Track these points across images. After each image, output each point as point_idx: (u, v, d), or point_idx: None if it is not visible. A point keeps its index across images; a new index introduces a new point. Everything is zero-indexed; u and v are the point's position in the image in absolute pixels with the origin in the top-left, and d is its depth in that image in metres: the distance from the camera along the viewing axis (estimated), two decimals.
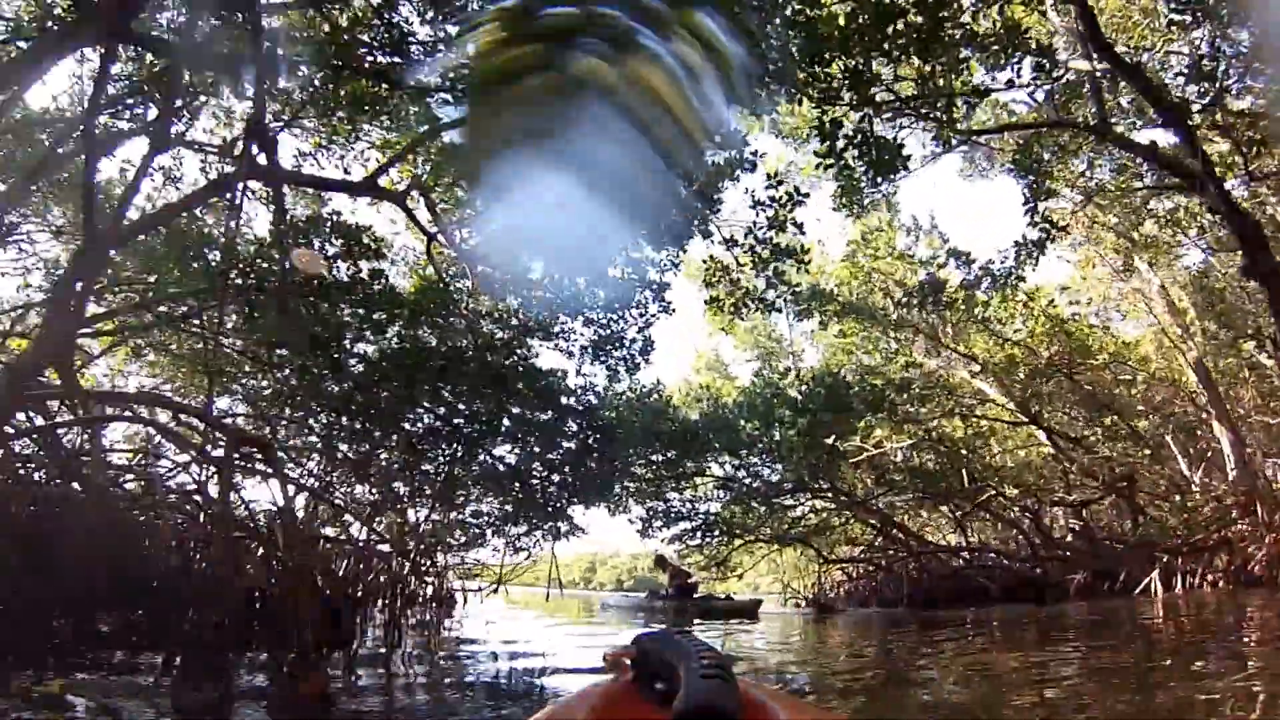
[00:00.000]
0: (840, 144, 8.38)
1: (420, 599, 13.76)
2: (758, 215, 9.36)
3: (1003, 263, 12.95)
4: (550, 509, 14.97)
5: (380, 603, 11.21)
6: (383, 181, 10.16)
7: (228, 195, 10.23)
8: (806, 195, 9.33)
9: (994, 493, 15.69)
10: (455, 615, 14.33)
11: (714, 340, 22.77)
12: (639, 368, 13.82)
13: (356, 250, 10.20)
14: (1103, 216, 15.16)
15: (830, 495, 16.81)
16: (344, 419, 11.17)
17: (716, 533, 17.79)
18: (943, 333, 14.36)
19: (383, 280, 10.15)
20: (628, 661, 0.98)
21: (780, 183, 9.31)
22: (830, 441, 12.40)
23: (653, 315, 12.79)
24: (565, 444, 15.04)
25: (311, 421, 11.42)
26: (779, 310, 10.41)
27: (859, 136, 8.41)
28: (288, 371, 10.91)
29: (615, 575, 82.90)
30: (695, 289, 20.88)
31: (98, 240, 8.15)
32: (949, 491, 15.18)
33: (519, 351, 12.12)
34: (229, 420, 12.04)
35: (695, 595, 16.79)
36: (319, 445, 11.68)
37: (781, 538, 18.30)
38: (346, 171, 10.49)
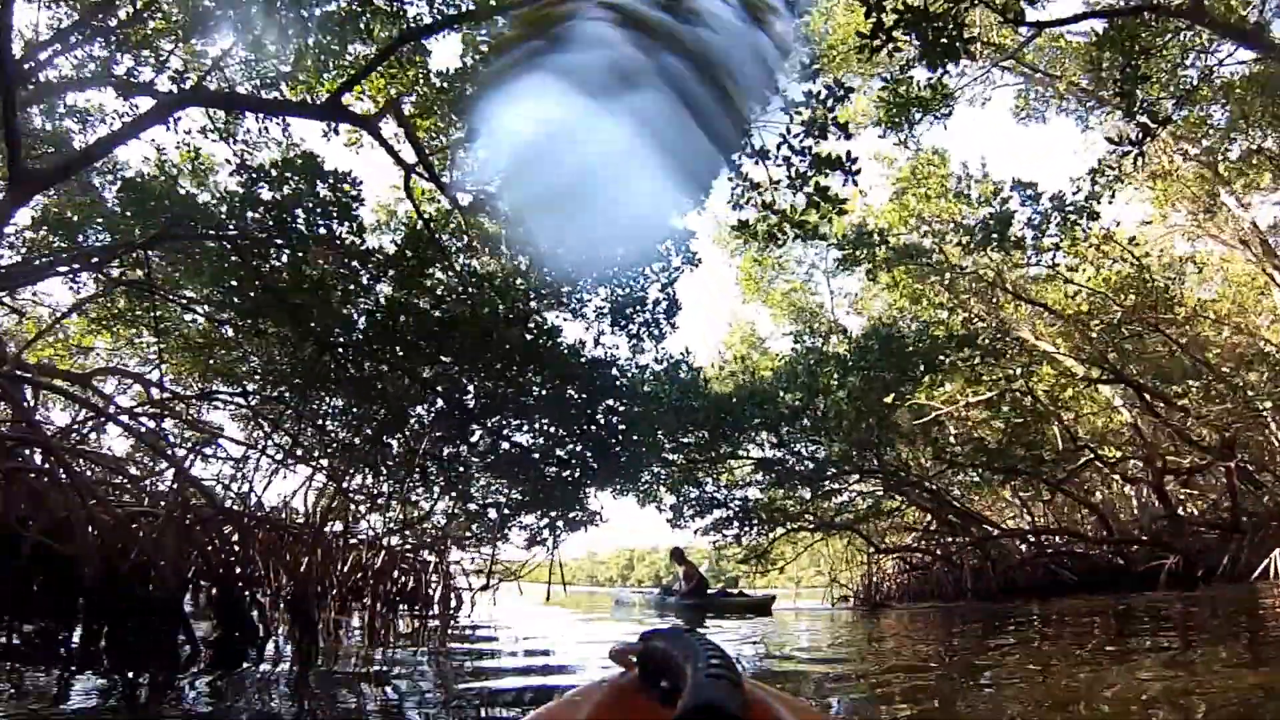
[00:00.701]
0: (888, 19, 6.61)
1: (418, 595, 12.23)
2: (791, 119, 7.59)
3: (1075, 193, 11.01)
4: (568, 496, 13.31)
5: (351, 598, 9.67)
6: (358, 113, 8.72)
7: (176, 123, 8.88)
8: (849, 91, 7.54)
9: (1092, 459, 13.57)
10: (464, 613, 12.79)
11: (749, 310, 20.90)
12: (664, 334, 12.14)
13: (330, 198, 8.73)
14: (1185, 145, 13.10)
15: (882, 475, 14.86)
16: (325, 394, 9.70)
17: (755, 521, 15.95)
18: (1005, 281, 12.34)
19: (355, 225, 8.63)
20: (633, 659, 0.93)
21: (818, 72, 7.55)
22: (889, 401, 10.43)
23: (677, 270, 11.11)
24: (584, 424, 13.43)
25: (289, 395, 9.93)
26: (821, 237, 8.57)
27: (909, 11, 6.64)
28: (260, 340, 9.53)
29: (653, 571, 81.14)
30: (724, 254, 19.22)
31: (21, 177, 6.85)
32: (1028, 463, 13.11)
33: (523, 313, 10.51)
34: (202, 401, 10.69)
35: (709, 591, 16.01)
36: (300, 423, 10.19)
37: (827, 525, 16.39)
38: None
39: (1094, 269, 12.21)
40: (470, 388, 10.67)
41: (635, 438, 14.13)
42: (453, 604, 13.20)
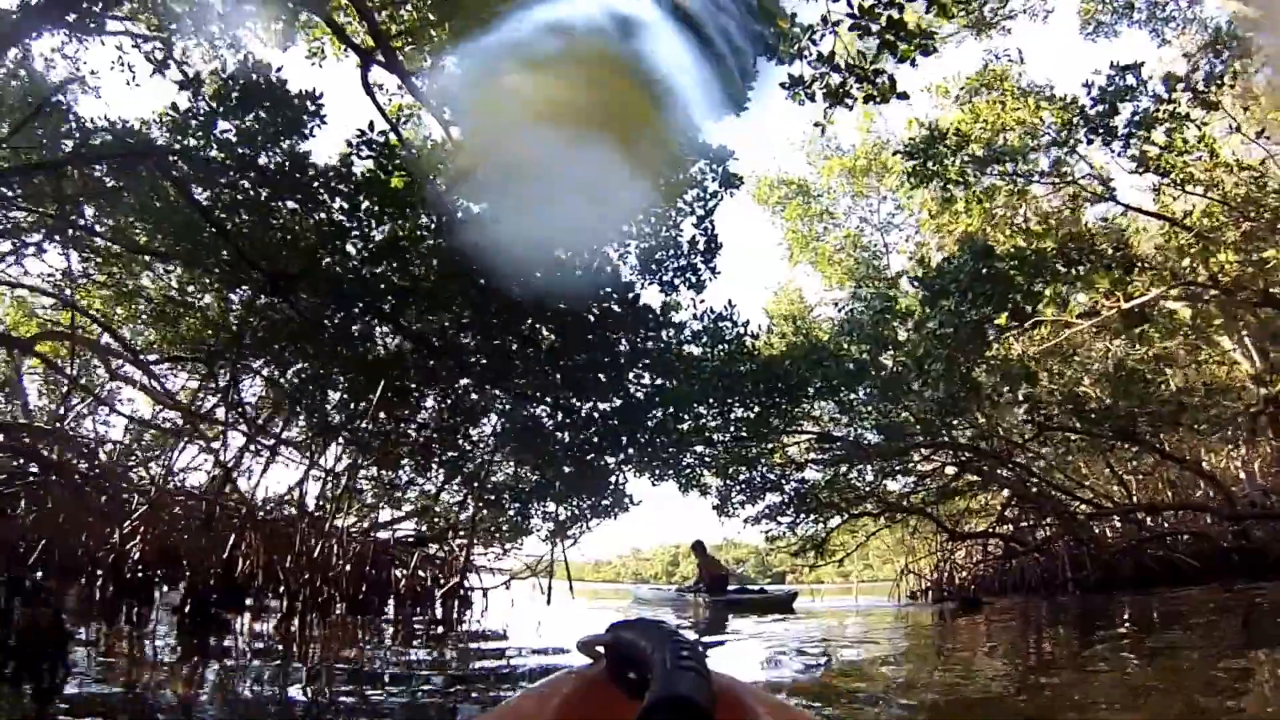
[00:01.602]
0: None
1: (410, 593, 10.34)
2: None
3: (1191, 72, 8.59)
4: (594, 478, 11.27)
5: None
6: None
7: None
8: None
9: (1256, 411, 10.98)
10: (476, 613, 10.84)
11: (795, 276, 18.57)
12: (703, 282, 9.99)
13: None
14: None
15: (961, 447, 12.44)
16: (296, 357, 7.82)
17: (812, 506, 13.66)
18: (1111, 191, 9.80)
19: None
20: (601, 650, 0.89)
21: None
22: (981, 341, 7.98)
23: (714, 196, 8.98)
24: (611, 394, 11.38)
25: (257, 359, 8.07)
26: (899, 95, 6.30)
27: None
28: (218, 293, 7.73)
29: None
30: (766, 213, 17.01)
31: None
32: (1150, 420, 10.58)
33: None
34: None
35: (728, 588, 14.85)
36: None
37: (895, 508, 14.00)
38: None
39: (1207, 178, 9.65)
40: (470, 343, 8.65)
41: (672, 411, 12.03)
42: (462, 602, 11.22)
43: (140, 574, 6.52)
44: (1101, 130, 7.97)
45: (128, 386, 9.12)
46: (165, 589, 7.25)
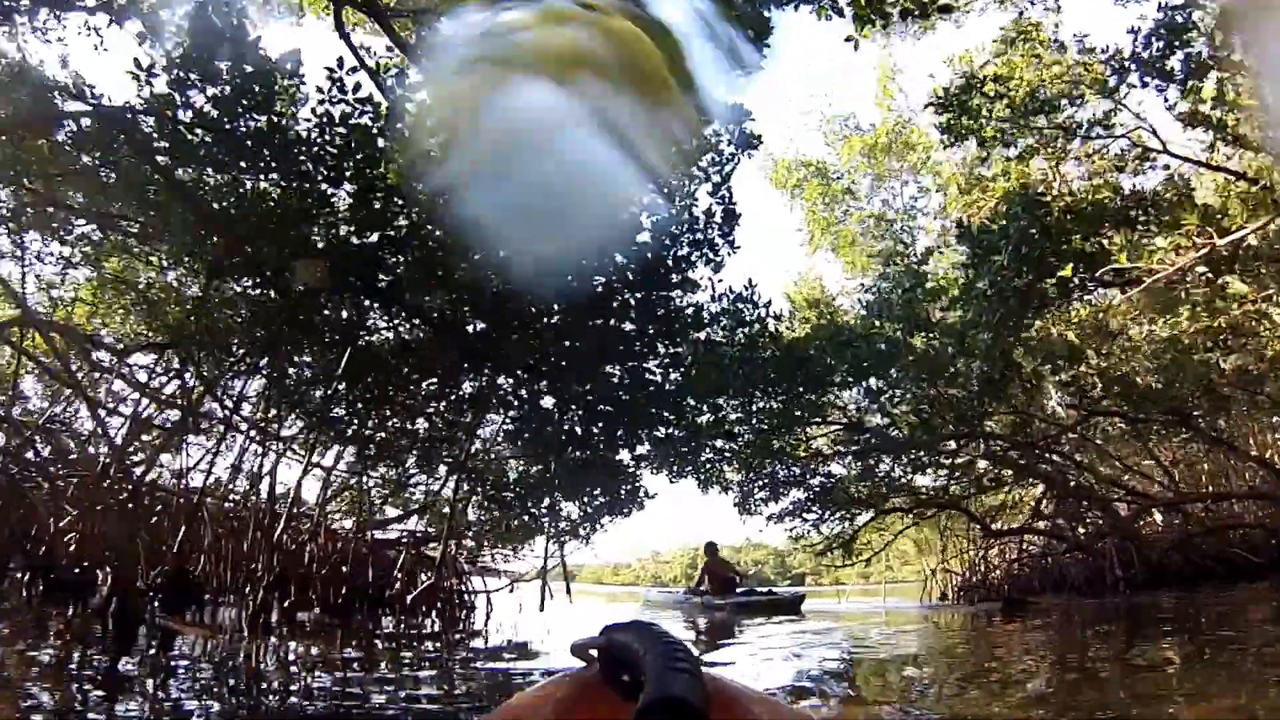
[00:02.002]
0: None
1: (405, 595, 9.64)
2: None
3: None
4: (606, 473, 10.51)
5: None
6: None
7: None
8: None
9: None
10: (479, 618, 10.11)
11: (814, 262, 17.65)
12: (721, 259, 9.20)
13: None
14: None
15: (1000, 438, 11.51)
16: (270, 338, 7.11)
17: (839, 502, 12.78)
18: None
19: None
20: (594, 653, 0.86)
21: None
22: (1053, 279, 6.98)
23: (730, 160, 8.19)
24: (624, 382, 10.62)
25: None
26: (941, 8, 5.43)
27: None
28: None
29: None
30: (784, 198, 16.15)
31: None
32: (1213, 400, 9.61)
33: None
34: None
35: (737, 589, 14.15)
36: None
37: (928, 503, 13.09)
38: None
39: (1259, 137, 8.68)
40: (468, 322, 7.90)
41: (691, 402, 11.23)
42: (457, 606, 10.47)
43: (79, 571, 5.81)
44: (1156, 71, 7.08)
45: (106, 379, 8.51)
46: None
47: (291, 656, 5.53)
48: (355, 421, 8.18)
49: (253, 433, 8.41)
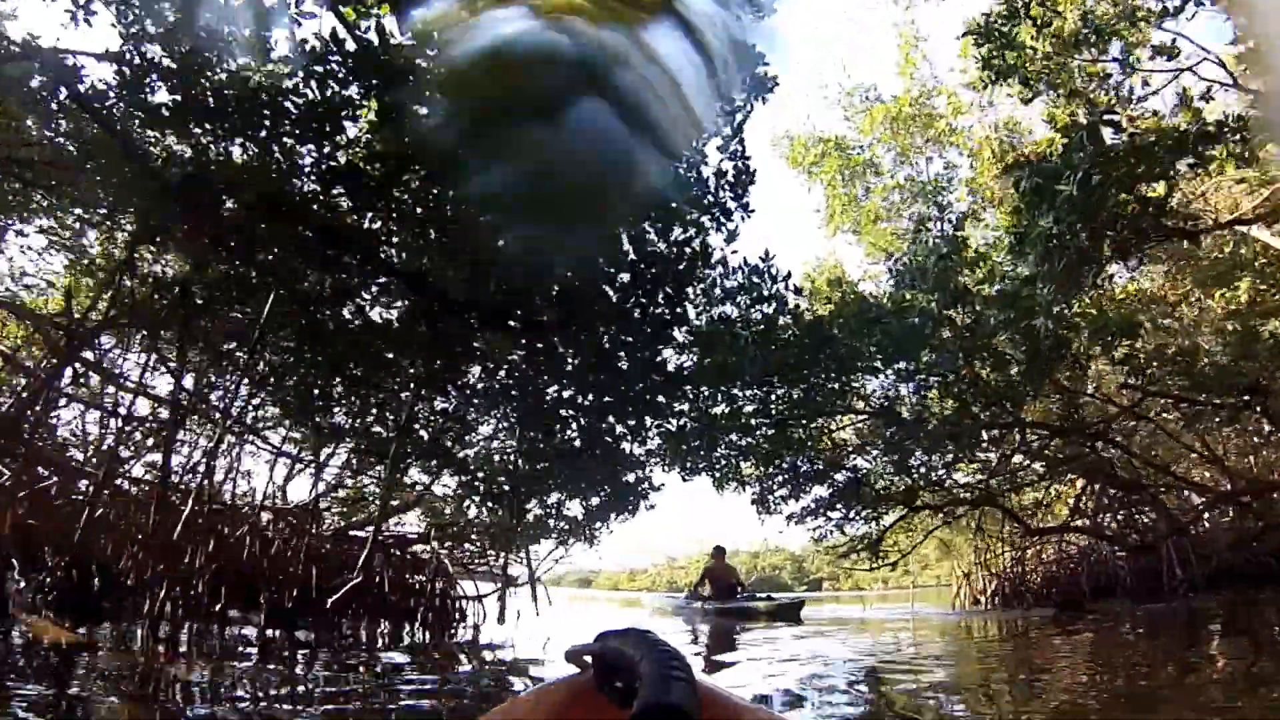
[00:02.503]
0: None
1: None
2: None
3: None
4: (606, 467, 9.48)
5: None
6: None
7: None
8: None
9: None
10: (471, 625, 9.07)
11: (834, 246, 16.48)
12: (735, 226, 8.15)
13: None
14: None
15: (1046, 426, 10.31)
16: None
17: (866, 499, 11.61)
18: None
19: None
20: (589, 659, 0.89)
21: None
22: (1137, 206, 5.77)
23: (743, 108, 7.13)
24: (626, 369, 9.57)
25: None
26: None
27: None
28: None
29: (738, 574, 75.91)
30: (801, 177, 15.04)
31: None
32: None
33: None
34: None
35: (737, 594, 13.88)
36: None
37: (967, 499, 11.87)
38: None
39: None
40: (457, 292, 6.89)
41: (706, 391, 10.17)
42: (438, 613, 9.45)
43: None
44: None
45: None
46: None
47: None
48: (328, 405, 7.19)
49: (205, 415, 7.47)
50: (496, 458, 8.73)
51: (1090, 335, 8.61)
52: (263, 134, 5.77)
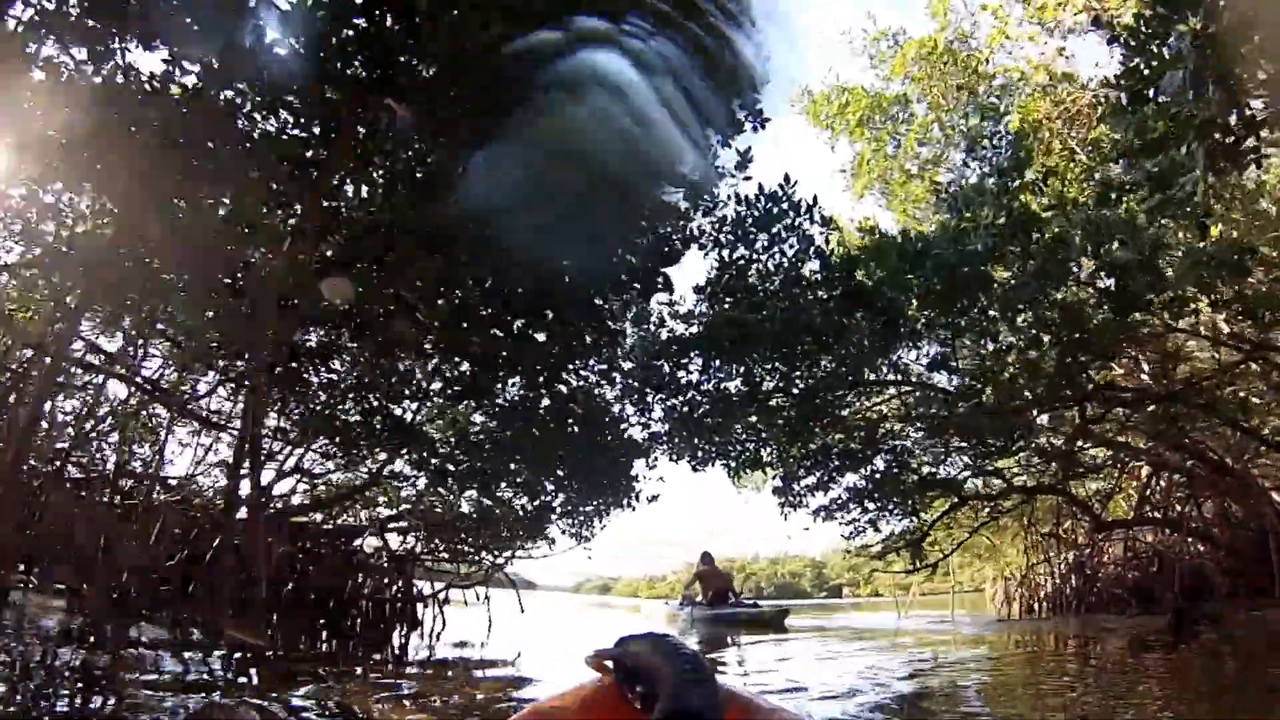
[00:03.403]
0: None
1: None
2: None
3: None
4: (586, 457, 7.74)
5: None
6: None
7: None
8: None
9: None
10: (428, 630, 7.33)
11: (861, 210, 14.54)
12: (749, 156, 6.41)
13: None
14: None
15: (1130, 391, 8.32)
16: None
17: (906, 488, 9.68)
18: None
19: None
20: (610, 664, 0.87)
21: None
22: None
23: None
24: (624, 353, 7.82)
25: None
26: None
27: None
28: None
29: (754, 583, 73.33)
30: (823, 136, 13.21)
31: None
32: None
33: None
34: None
35: (729, 601, 13.31)
36: None
37: (1030, 489, 9.87)
38: None
39: None
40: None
41: (711, 356, 8.39)
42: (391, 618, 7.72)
43: None
44: None
45: None
46: None
47: None
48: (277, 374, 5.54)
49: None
50: (462, 431, 6.96)
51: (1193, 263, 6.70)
52: None
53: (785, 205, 6.84)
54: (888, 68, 11.75)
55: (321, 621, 6.84)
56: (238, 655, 4.82)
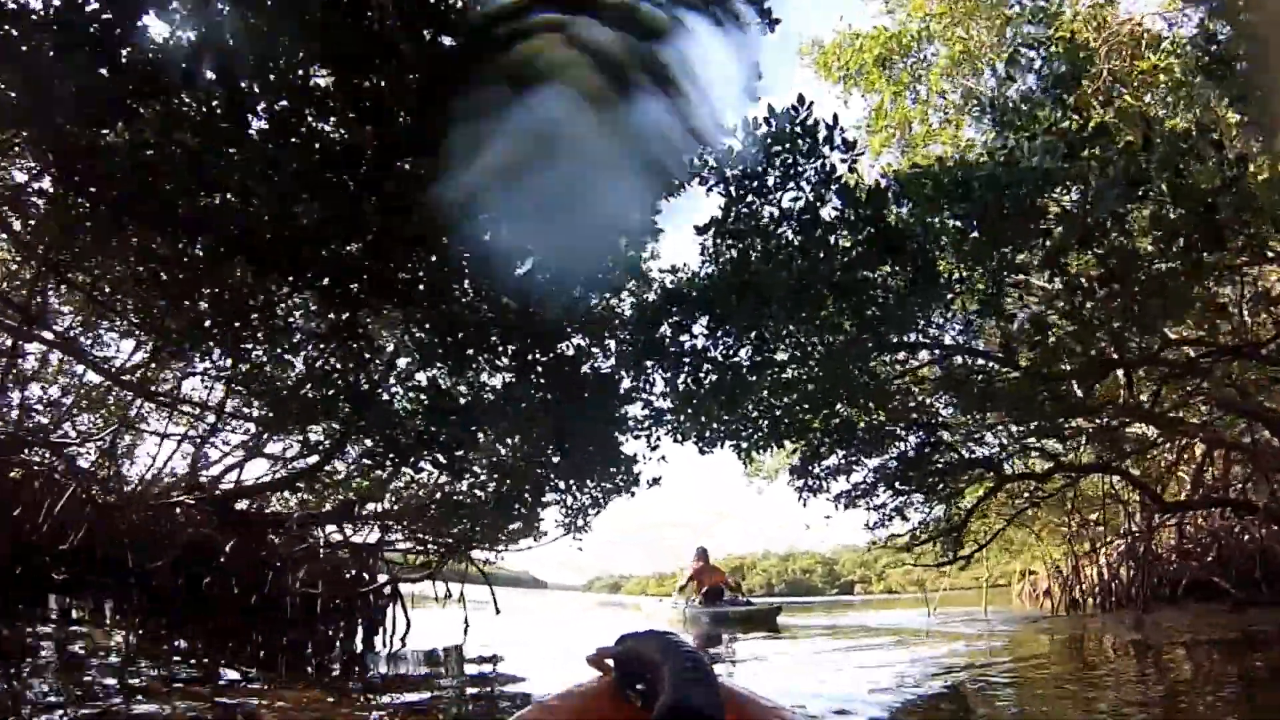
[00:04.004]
0: None
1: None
2: None
3: None
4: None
5: None
6: None
7: None
8: None
9: None
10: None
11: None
12: (756, 60, 5.23)
13: None
14: None
15: (1203, 345, 7.05)
16: None
17: (944, 469, 8.43)
18: None
19: None
20: (610, 663, 0.95)
21: None
22: None
23: None
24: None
25: None
26: None
27: None
28: None
29: (764, 580, 71.92)
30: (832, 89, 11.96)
31: None
32: None
33: None
34: None
35: (723, 598, 12.72)
36: None
37: (1082, 467, 8.59)
38: None
39: None
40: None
41: (718, 318, 7.21)
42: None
43: None
44: None
45: None
46: None
47: None
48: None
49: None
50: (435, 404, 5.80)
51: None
52: None
53: (800, 132, 5.64)
54: (905, 10, 10.54)
55: (252, 617, 5.74)
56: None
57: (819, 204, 6.31)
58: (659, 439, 8.31)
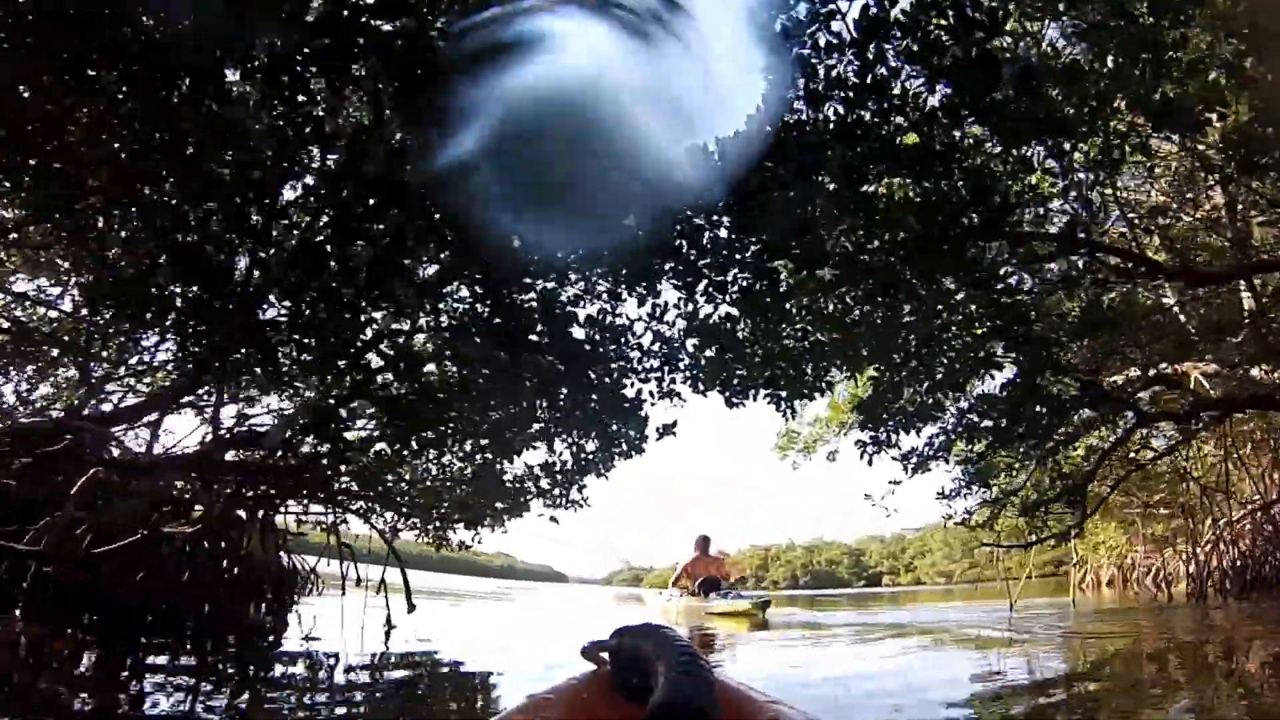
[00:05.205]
0: None
1: None
2: None
3: None
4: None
5: None
6: None
7: None
8: None
9: None
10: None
11: None
12: None
13: None
14: None
15: None
16: None
17: (1054, 408, 6.07)
18: None
19: None
20: (605, 656, 0.87)
21: None
22: None
23: None
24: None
25: None
26: None
27: None
28: None
29: (789, 572, 69.23)
30: None
31: None
32: None
33: None
34: None
35: (720, 590, 11.70)
36: None
37: (1245, 401, 6.17)
38: None
39: None
40: None
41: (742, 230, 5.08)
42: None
43: None
44: None
45: None
46: None
47: None
48: None
49: None
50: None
51: None
52: None
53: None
54: None
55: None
56: None
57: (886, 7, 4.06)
58: (674, 382, 6.15)
